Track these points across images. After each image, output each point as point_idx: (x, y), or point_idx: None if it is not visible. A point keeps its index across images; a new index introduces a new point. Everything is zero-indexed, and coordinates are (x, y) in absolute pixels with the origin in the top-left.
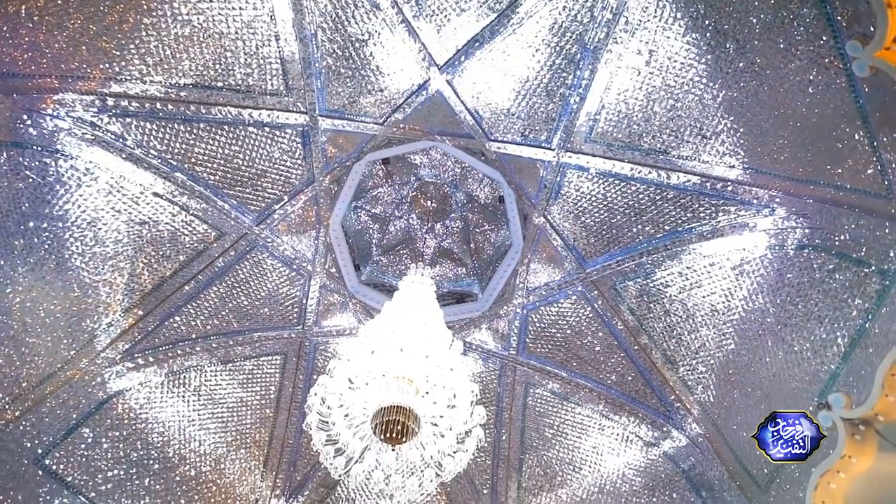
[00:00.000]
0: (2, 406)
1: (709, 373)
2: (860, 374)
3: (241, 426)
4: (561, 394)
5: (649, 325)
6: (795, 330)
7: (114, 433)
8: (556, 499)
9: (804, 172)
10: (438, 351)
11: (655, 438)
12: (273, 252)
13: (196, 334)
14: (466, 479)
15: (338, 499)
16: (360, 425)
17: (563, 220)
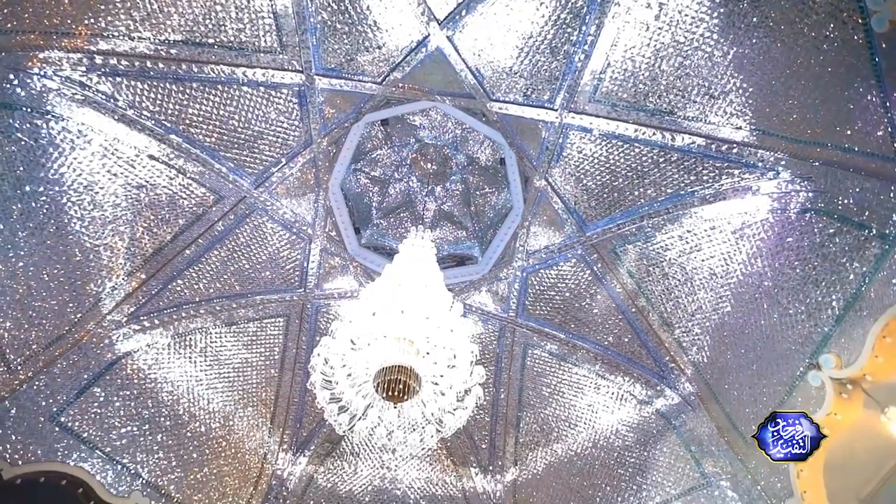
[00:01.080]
0: (15, 367)
1: (704, 335)
2: (852, 336)
3: (247, 385)
4: (559, 354)
5: (647, 288)
6: (791, 293)
7: (125, 392)
8: (551, 453)
9: (812, 134)
10: (439, 313)
11: (649, 397)
12: (273, 215)
13: (199, 297)
14: (466, 434)
15: (343, 452)
16: (363, 384)
17: (564, 183)
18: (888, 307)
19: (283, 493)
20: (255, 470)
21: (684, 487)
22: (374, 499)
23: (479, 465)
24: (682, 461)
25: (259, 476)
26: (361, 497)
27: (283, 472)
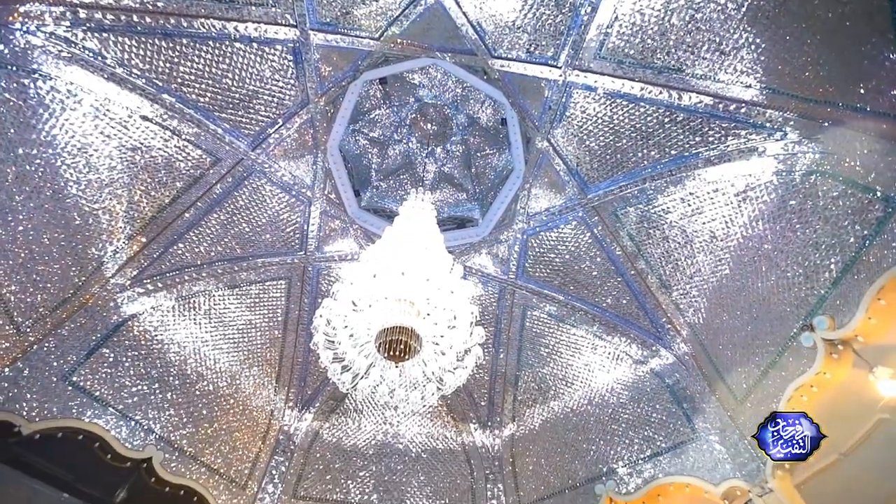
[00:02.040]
0: (24, 329)
1: (701, 297)
2: (847, 298)
3: (252, 346)
4: (557, 316)
5: (647, 251)
6: (790, 256)
7: (133, 353)
8: (548, 410)
9: (823, 93)
10: (439, 274)
11: (644, 357)
12: (271, 178)
13: (201, 260)
14: (466, 392)
15: (346, 409)
16: (365, 344)
17: (566, 144)
18: (886, 270)
19: (291, 447)
20: (262, 425)
21: (675, 441)
22: (377, 452)
23: (478, 421)
24: (673, 417)
25: (267, 431)
26: (365, 451)
27: (290, 428)
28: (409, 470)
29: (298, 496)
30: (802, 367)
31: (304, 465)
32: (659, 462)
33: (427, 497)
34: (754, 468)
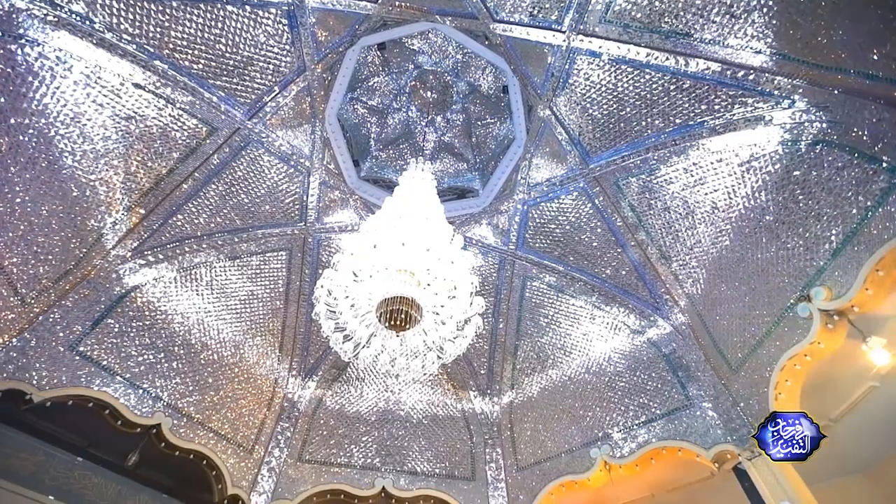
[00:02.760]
0: (29, 300)
1: (700, 268)
2: (846, 269)
3: (254, 316)
4: (556, 286)
5: (648, 222)
6: (792, 227)
7: (137, 323)
8: (546, 378)
9: (836, 59)
10: (439, 245)
11: (642, 327)
12: (269, 148)
13: (201, 232)
14: (466, 361)
15: (349, 377)
16: (366, 314)
17: (569, 113)
18: (887, 241)
19: (295, 413)
20: (267, 393)
21: (669, 408)
22: (379, 418)
23: (478, 389)
24: (668, 385)
25: (271, 399)
26: (368, 417)
27: (294, 395)
28: (411, 435)
29: (304, 459)
30: (797, 337)
31: (308, 431)
32: (653, 427)
33: (428, 461)
34: (745, 433)
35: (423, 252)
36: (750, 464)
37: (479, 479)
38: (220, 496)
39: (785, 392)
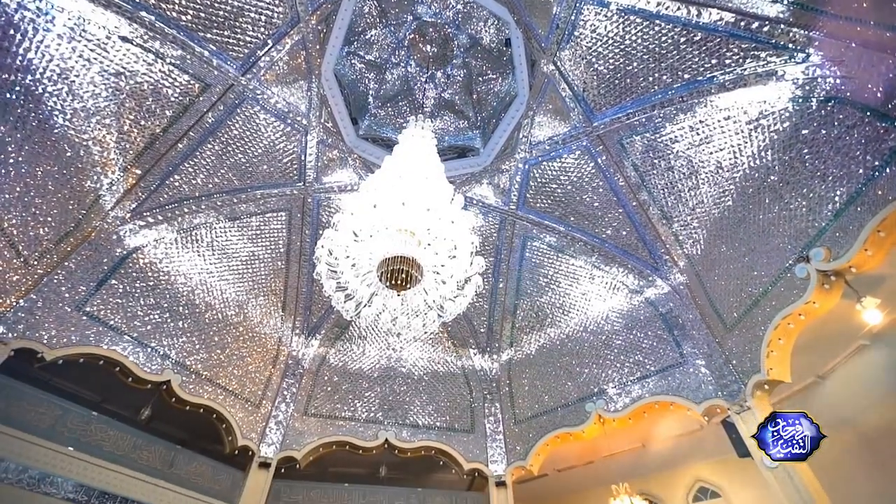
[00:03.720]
0: (31, 262)
1: (701, 228)
2: (847, 230)
3: (256, 277)
4: (557, 246)
5: (651, 182)
6: (796, 187)
7: (141, 284)
8: (544, 336)
9: (857, 9)
10: (440, 205)
11: (640, 287)
12: (264, 105)
13: (199, 192)
14: (466, 320)
15: (351, 336)
16: (367, 274)
17: (573, 67)
18: (891, 202)
19: (300, 370)
20: (272, 351)
21: (663, 365)
22: (382, 375)
23: (478, 347)
24: (664, 343)
25: (276, 356)
26: (370, 374)
27: (298, 353)
28: (412, 391)
29: (309, 413)
30: (793, 297)
31: (313, 387)
32: (646, 383)
33: (429, 415)
34: (735, 389)
35: (423, 212)
36: (738, 417)
37: (478, 431)
38: (231, 447)
39: (777, 350)
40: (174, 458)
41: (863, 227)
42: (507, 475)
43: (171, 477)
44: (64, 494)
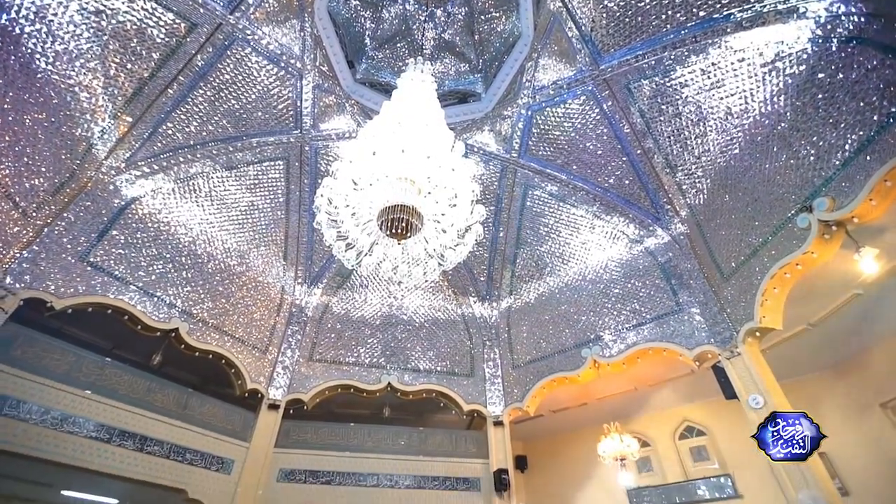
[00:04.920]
0: (30, 213)
1: (705, 177)
2: (853, 179)
3: (256, 227)
4: (558, 195)
5: (657, 129)
6: (806, 135)
7: (142, 235)
8: (543, 285)
9: None
10: (440, 152)
11: (640, 236)
12: (256, 47)
13: (193, 141)
14: (466, 268)
15: (353, 285)
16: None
17: (581, 4)
18: None
19: (303, 318)
20: (275, 300)
21: (658, 313)
22: (384, 322)
23: (478, 295)
24: (661, 292)
25: (280, 305)
26: (373, 321)
27: (301, 302)
28: (414, 337)
29: (315, 359)
30: (792, 248)
31: (317, 334)
32: (641, 330)
33: (430, 360)
34: (727, 336)
35: (423, 159)
36: (728, 362)
37: (478, 375)
38: (241, 390)
39: (771, 299)
40: (187, 400)
41: (870, 176)
42: (505, 416)
43: (186, 417)
44: (87, 433)
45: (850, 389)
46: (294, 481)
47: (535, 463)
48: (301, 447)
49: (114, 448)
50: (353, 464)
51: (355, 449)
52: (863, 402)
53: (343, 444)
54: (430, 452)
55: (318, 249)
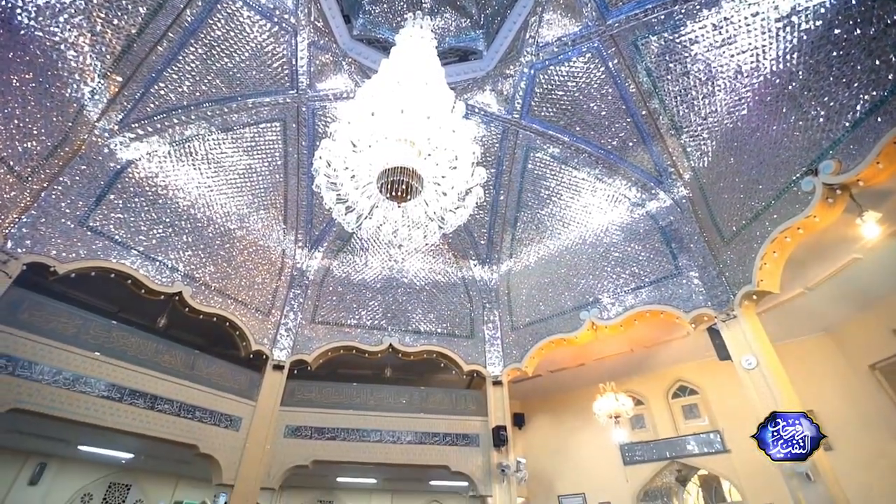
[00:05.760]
0: (25, 177)
1: (711, 139)
2: (862, 141)
3: (255, 190)
4: (560, 157)
5: (664, 88)
6: (817, 95)
7: (140, 199)
8: (544, 248)
9: None
10: (440, 113)
11: (642, 199)
12: (247, 1)
13: (187, 101)
14: (466, 231)
15: (353, 248)
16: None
17: None
18: None
19: (305, 281)
20: (277, 263)
21: (657, 276)
22: (384, 285)
23: (478, 258)
24: (660, 255)
25: (281, 268)
26: (373, 284)
27: (303, 265)
28: (415, 300)
29: (317, 321)
30: (795, 212)
31: (318, 297)
32: (640, 293)
33: (430, 322)
34: (724, 299)
35: (423, 120)
36: (724, 325)
37: (477, 337)
38: (246, 352)
39: (770, 262)
40: (194, 361)
41: (880, 138)
42: (504, 375)
43: (194, 377)
44: (98, 393)
45: (842, 351)
46: (300, 437)
47: (532, 420)
48: (306, 405)
49: (126, 406)
50: (357, 421)
51: (359, 407)
52: (853, 363)
53: (347, 403)
54: (431, 410)
55: (317, 213)
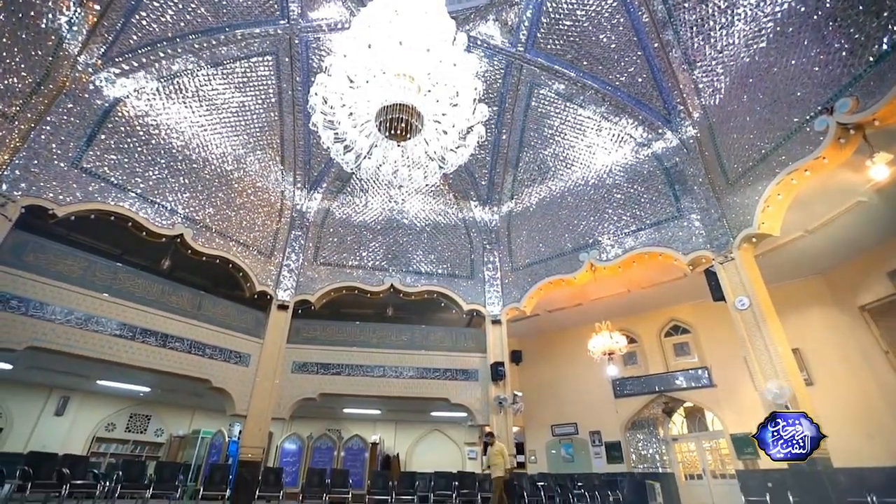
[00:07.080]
0: (12, 116)
1: (725, 75)
2: (883, 77)
3: (250, 129)
4: (565, 94)
5: (679, 18)
6: (843, 25)
7: (133, 139)
8: (545, 189)
9: None
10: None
11: (648, 140)
12: None
13: (171, 32)
14: (467, 172)
15: (353, 189)
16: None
17: None
18: None
19: (305, 223)
20: (276, 205)
21: (658, 219)
22: (385, 227)
23: (479, 199)
24: (663, 197)
25: (281, 210)
26: (374, 226)
27: (302, 207)
28: (415, 241)
29: (319, 262)
30: (804, 153)
31: (319, 238)
32: (640, 235)
33: (431, 262)
34: (724, 241)
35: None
36: (721, 267)
37: (477, 277)
38: (250, 292)
39: (774, 205)
40: (201, 302)
41: None
42: (503, 315)
43: (202, 317)
44: (111, 331)
45: (834, 293)
46: (307, 372)
47: (529, 357)
48: (311, 343)
49: (138, 344)
50: (361, 357)
51: (362, 344)
52: (844, 305)
53: (350, 341)
54: (432, 347)
55: (315, 153)
